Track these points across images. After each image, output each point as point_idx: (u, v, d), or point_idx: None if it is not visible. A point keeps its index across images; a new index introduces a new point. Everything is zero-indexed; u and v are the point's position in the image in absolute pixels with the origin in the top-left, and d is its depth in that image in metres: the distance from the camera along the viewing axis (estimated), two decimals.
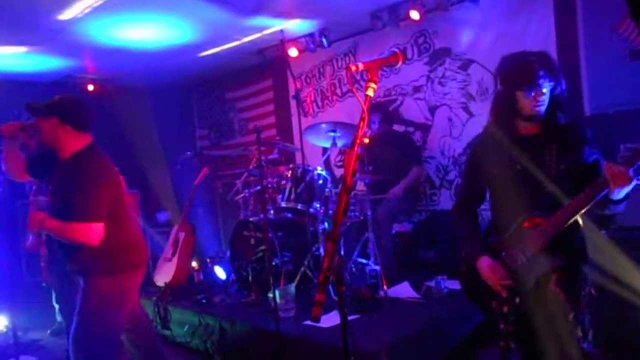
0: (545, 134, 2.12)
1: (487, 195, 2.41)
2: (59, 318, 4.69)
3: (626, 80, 3.87)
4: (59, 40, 4.91)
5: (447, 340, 3.40)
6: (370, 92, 1.56)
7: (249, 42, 5.62)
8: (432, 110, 5.21)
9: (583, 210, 1.95)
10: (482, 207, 2.49)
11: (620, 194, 1.88)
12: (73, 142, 2.67)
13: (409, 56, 5.21)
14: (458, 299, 3.56)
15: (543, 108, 2.07)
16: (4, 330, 4.66)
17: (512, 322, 2.13)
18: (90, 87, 6.54)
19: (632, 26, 3.75)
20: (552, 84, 2.05)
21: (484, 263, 2.18)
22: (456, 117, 5.02)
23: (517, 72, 2.06)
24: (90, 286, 2.66)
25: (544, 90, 2.03)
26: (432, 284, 3.89)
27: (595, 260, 3.07)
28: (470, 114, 4.89)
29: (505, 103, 2.13)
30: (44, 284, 3.63)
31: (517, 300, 2.10)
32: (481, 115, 4.76)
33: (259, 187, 4.57)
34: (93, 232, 2.51)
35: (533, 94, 2.03)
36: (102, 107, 4.94)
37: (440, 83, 5.08)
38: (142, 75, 6.59)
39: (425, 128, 5.29)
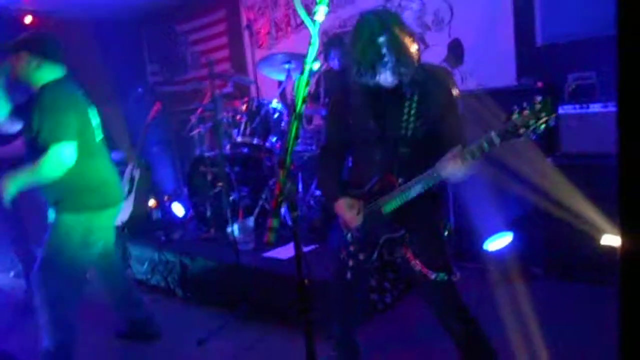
0: (407, 87, 1.97)
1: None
2: None
3: (576, 11, 3.91)
4: None
5: None
6: (319, 17, 1.51)
7: None
8: None
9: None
10: None
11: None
12: (43, 74, 2.66)
13: None
14: None
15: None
16: None
17: (355, 275, 2.12)
18: (28, 19, 6.11)
19: None
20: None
21: (344, 201, 2.04)
22: None
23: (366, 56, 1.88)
24: (57, 222, 2.69)
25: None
26: None
27: (541, 186, 3.25)
28: (426, 44, 4.86)
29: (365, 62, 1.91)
30: None
31: (361, 257, 2.08)
32: (436, 46, 4.74)
33: (213, 123, 4.49)
34: (66, 151, 2.51)
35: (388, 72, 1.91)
36: None
37: None
38: (85, 6, 6.19)
39: None
